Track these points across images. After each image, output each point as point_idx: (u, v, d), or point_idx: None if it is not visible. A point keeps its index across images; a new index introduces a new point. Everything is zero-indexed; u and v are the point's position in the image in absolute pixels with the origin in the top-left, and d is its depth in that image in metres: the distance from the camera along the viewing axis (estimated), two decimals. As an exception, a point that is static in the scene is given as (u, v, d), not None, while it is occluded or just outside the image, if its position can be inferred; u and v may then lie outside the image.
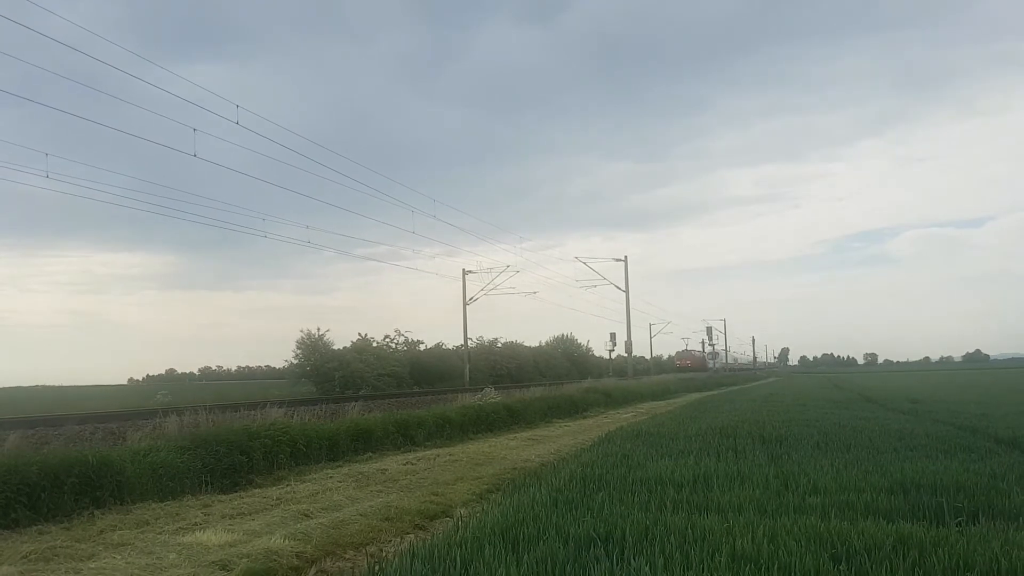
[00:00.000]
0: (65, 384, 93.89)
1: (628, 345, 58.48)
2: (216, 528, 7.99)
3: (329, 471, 12.40)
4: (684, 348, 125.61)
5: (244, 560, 6.63)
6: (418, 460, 13.58)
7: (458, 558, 5.38)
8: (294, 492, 10.39)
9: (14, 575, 6.21)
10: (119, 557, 6.79)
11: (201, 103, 47.83)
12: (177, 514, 8.89)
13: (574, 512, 7.02)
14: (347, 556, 7.28)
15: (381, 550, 7.34)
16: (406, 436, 16.35)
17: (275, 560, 6.79)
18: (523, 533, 6.12)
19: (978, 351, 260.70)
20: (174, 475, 10.22)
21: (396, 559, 5.72)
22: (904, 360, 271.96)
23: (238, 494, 10.40)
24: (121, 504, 9.17)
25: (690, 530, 6.08)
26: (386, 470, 12.35)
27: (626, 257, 54.94)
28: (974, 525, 6.49)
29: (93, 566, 6.48)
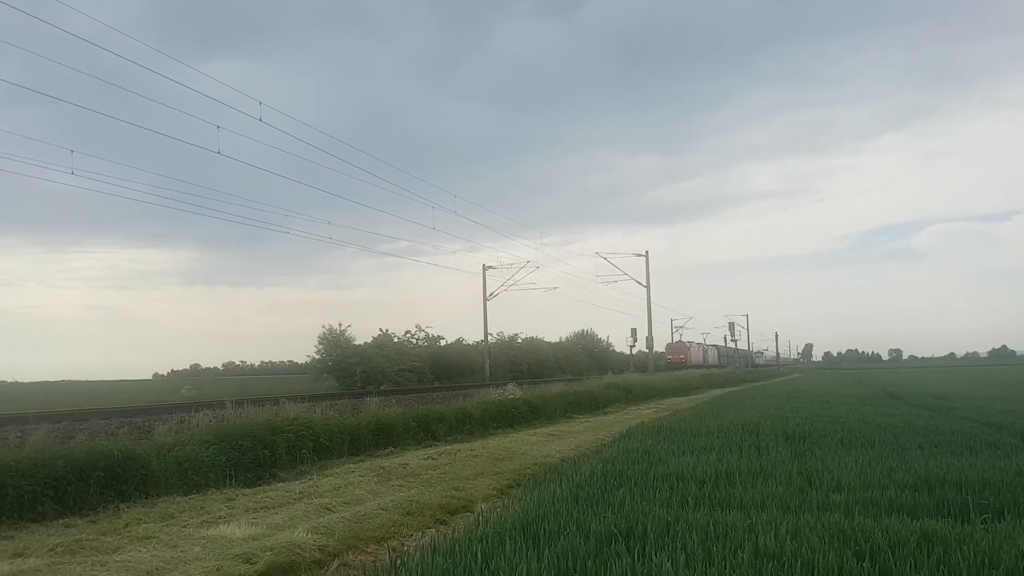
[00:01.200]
0: (91, 379, 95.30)
1: (649, 341, 58.35)
2: (240, 521, 8.06)
3: (351, 465, 12.48)
4: (677, 339, 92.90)
5: (267, 553, 6.69)
6: (439, 455, 13.63)
7: (479, 553, 5.39)
8: (316, 486, 10.47)
9: (41, 567, 6.29)
10: (144, 550, 6.87)
11: (225, 100, 48.18)
12: (201, 507, 8.99)
13: (595, 508, 7.01)
14: (369, 550, 7.32)
15: (402, 544, 7.39)
16: (427, 431, 16.42)
17: (298, 554, 6.85)
18: (544, 528, 6.13)
19: (1004, 347, 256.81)
20: (198, 469, 10.32)
21: (417, 553, 5.75)
22: (929, 356, 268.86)
23: (261, 488, 10.49)
24: (146, 497, 9.28)
25: (712, 526, 6.05)
26: (407, 465, 12.41)
27: (647, 252, 54.58)
28: (1000, 522, 6.41)
29: (119, 559, 6.56)
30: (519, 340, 65.36)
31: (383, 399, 19.79)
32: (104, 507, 8.73)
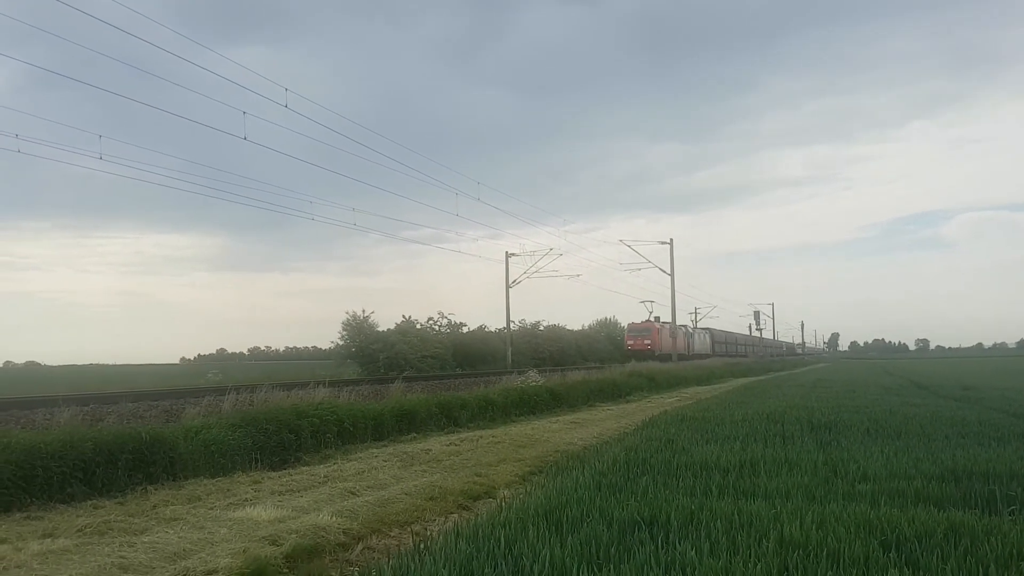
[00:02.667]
0: (118, 363, 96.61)
1: (673, 329, 58.09)
2: (266, 504, 8.15)
3: (375, 450, 12.56)
4: (649, 317, 67.48)
5: (293, 536, 6.76)
6: (461, 441, 13.69)
7: (502, 538, 5.41)
8: (341, 470, 10.55)
9: (70, 548, 6.39)
10: (172, 531, 6.97)
11: (250, 87, 48.48)
12: (228, 490, 9.09)
13: (618, 496, 7.01)
14: (392, 534, 7.38)
15: (425, 529, 7.43)
16: (449, 417, 16.49)
17: (323, 536, 6.92)
18: (567, 515, 6.14)
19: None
20: (225, 452, 10.44)
21: (440, 538, 5.78)
22: (956, 346, 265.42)
23: (287, 471, 10.60)
24: (174, 480, 9.41)
25: (737, 515, 6.04)
26: (430, 450, 12.48)
27: (671, 240, 53.82)
28: (1028, 514, 6.33)
29: (146, 540, 6.66)
30: (541, 327, 65.32)
31: (406, 385, 19.89)
32: (132, 489, 8.86)
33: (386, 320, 48.93)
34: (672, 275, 54.14)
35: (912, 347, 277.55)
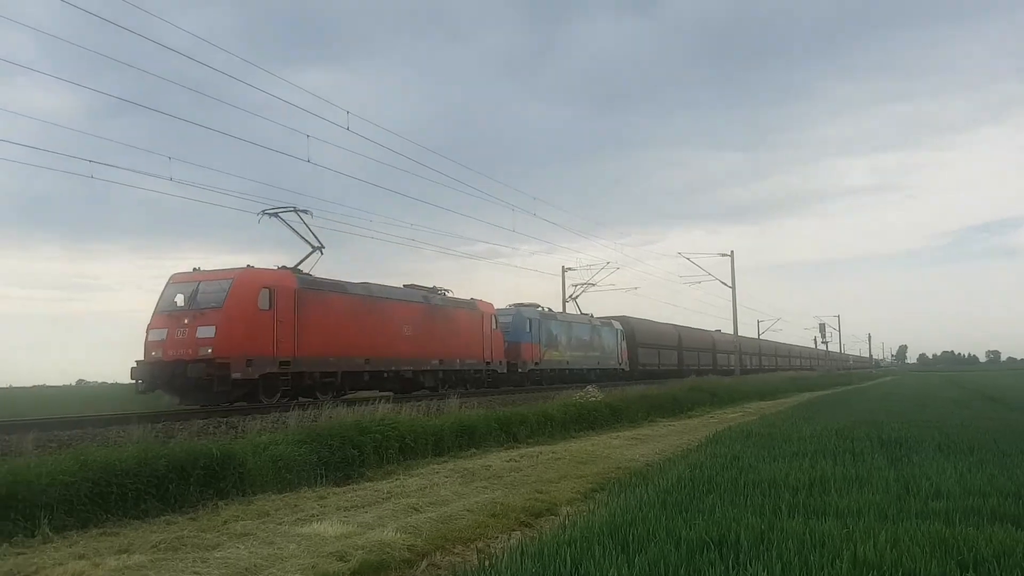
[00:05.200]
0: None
1: (735, 343, 57.14)
2: (332, 520, 8.25)
3: (435, 466, 12.63)
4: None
5: (359, 552, 6.83)
6: (521, 457, 13.66)
7: (568, 557, 5.38)
8: (403, 486, 10.63)
9: (145, 563, 6.53)
10: (242, 547, 7.10)
11: (313, 110, 49.58)
12: (295, 505, 9.23)
13: (684, 514, 6.90)
14: (456, 551, 7.40)
15: (488, 546, 7.42)
16: (508, 433, 16.49)
17: (388, 552, 6.97)
18: (632, 534, 6.07)
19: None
20: (291, 467, 10.62)
21: (505, 556, 5.77)
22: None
23: (350, 487, 10.72)
24: (242, 495, 9.58)
25: (808, 535, 5.90)
26: (490, 466, 12.49)
27: (732, 252, 52.70)
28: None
29: (218, 555, 6.80)
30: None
31: (463, 400, 19.99)
32: (203, 504, 9.06)
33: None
34: (733, 288, 53.31)
35: (982, 359, 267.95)
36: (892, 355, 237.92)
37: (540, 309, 37.02)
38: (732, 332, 55.20)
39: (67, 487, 7.89)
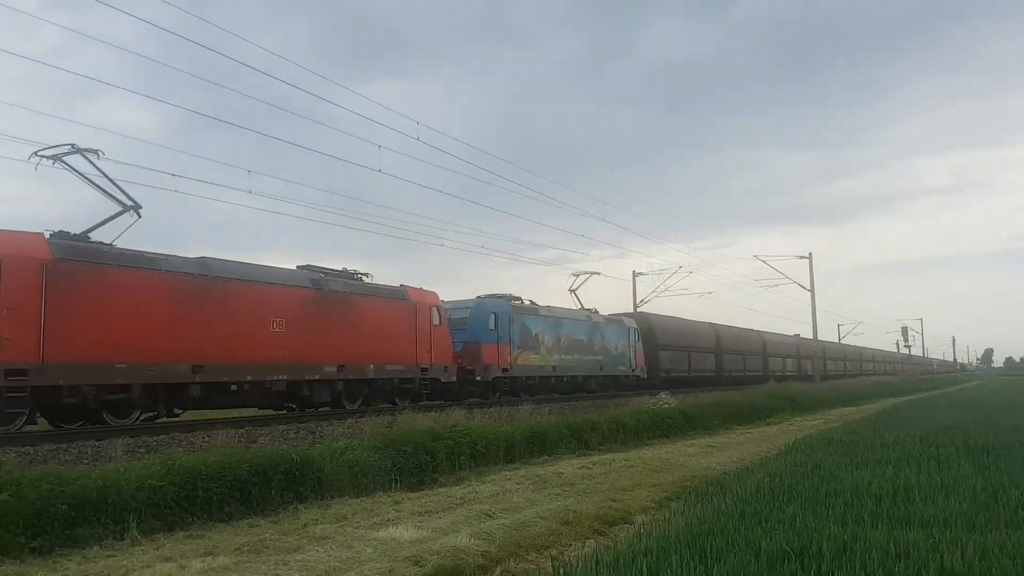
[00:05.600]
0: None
1: (816, 348, 55.68)
2: (407, 525, 8.35)
3: (507, 473, 12.66)
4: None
5: (435, 557, 6.89)
6: (593, 464, 13.58)
7: (644, 567, 5.32)
8: (476, 492, 10.68)
9: (229, 566, 6.71)
10: (322, 550, 7.25)
11: (384, 121, 50.50)
12: (371, 510, 9.37)
13: (764, 524, 6.75)
14: (530, 558, 7.40)
15: (562, 553, 7.40)
16: (580, 440, 16.42)
17: (462, 558, 7.01)
18: (711, 544, 5.96)
19: None
20: (367, 472, 10.79)
21: (580, 564, 5.74)
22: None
23: (424, 492, 10.83)
24: (320, 499, 9.78)
25: (892, 545, 5.73)
26: (562, 473, 12.44)
27: (810, 254, 51.36)
28: None
29: (299, 558, 6.95)
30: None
31: (535, 407, 19.98)
32: (284, 508, 9.27)
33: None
34: (812, 291, 51.93)
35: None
36: (977, 359, 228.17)
37: (518, 302, 29.45)
38: (812, 336, 53.80)
39: (155, 491, 8.18)
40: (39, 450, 11.02)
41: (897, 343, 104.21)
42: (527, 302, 30.20)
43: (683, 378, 41.28)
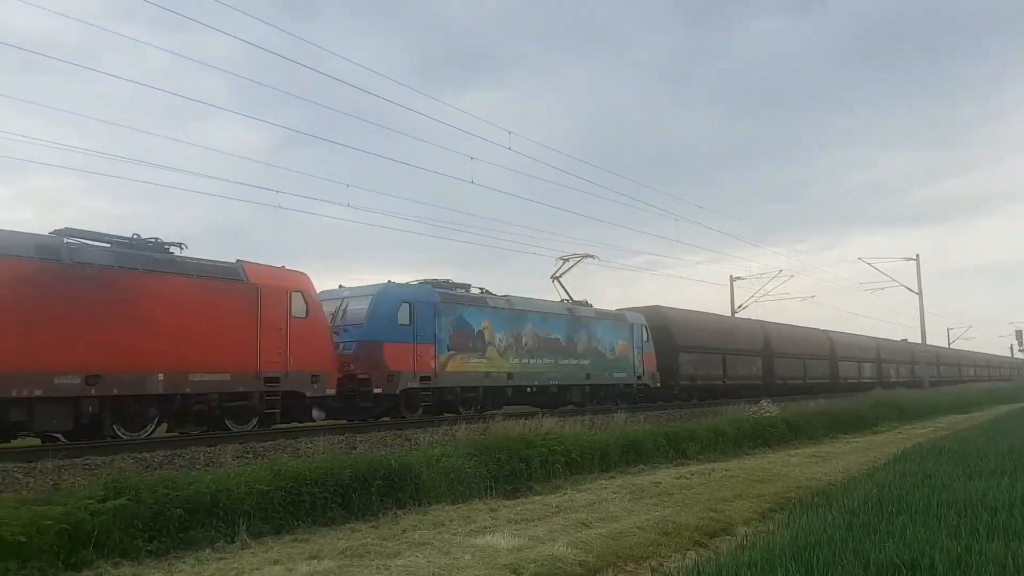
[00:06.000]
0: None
1: (923, 353, 53.24)
2: (503, 532, 8.40)
3: (603, 481, 12.58)
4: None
5: (532, 565, 6.91)
6: (691, 474, 13.34)
7: (748, 579, 5.20)
8: (571, 501, 10.65)
9: (333, 569, 6.89)
10: (421, 556, 7.36)
11: (476, 132, 51.20)
12: (468, 517, 9.46)
13: (872, 536, 6.50)
14: (628, 568, 7.33)
15: (662, 564, 7.30)
16: (676, 449, 16.15)
17: (560, 567, 7.00)
18: (817, 557, 5.77)
19: None
20: (463, 479, 10.92)
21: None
22: None
23: (519, 500, 10.87)
24: (418, 505, 9.95)
25: (1010, 559, 5.46)
26: (659, 483, 12.27)
27: (918, 256, 49.42)
28: None
29: (399, 563, 7.08)
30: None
31: (629, 415, 19.76)
32: (383, 513, 9.48)
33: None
34: (920, 294, 49.68)
35: None
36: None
37: (458, 290, 22.64)
38: (921, 341, 51.43)
39: (263, 495, 8.49)
40: (155, 456, 11.56)
41: (1011, 347, 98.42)
42: (476, 290, 23.47)
43: (713, 387, 34.59)
